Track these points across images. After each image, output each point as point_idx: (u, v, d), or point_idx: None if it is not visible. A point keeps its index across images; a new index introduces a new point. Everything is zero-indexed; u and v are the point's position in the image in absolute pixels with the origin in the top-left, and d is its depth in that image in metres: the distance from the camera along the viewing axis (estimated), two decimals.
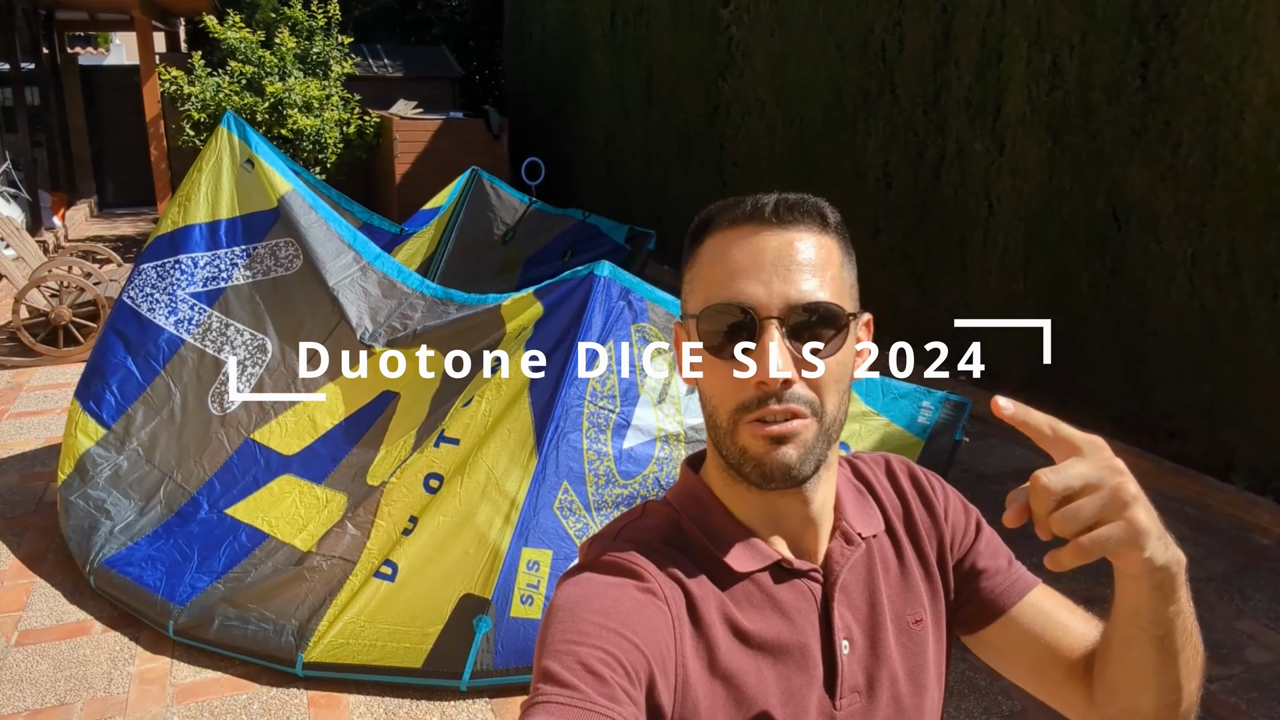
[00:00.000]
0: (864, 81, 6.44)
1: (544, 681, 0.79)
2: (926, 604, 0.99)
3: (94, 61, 17.06)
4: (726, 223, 0.91)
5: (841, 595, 0.93)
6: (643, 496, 3.04)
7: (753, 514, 0.93)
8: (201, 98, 10.09)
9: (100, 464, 3.74)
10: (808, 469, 0.87)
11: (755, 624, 0.89)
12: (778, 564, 0.92)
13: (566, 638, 0.82)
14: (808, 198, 0.91)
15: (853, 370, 0.91)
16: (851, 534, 0.96)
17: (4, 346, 6.85)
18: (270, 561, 3.32)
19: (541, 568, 2.99)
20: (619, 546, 0.92)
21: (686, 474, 0.99)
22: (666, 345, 3.07)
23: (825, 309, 0.86)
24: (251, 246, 3.87)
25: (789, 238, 0.88)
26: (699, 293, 0.91)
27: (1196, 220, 4.30)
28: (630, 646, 0.81)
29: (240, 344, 3.78)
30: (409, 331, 3.53)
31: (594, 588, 0.87)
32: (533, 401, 3.04)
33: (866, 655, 0.94)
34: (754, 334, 0.86)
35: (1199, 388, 4.45)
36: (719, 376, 0.89)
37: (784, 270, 0.86)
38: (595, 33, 10.58)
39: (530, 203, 6.44)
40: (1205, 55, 4.14)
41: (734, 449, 0.88)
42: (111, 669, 3.15)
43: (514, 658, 2.98)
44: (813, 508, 0.93)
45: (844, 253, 0.91)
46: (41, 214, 10.65)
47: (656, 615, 0.85)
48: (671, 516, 0.96)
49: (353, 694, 3.02)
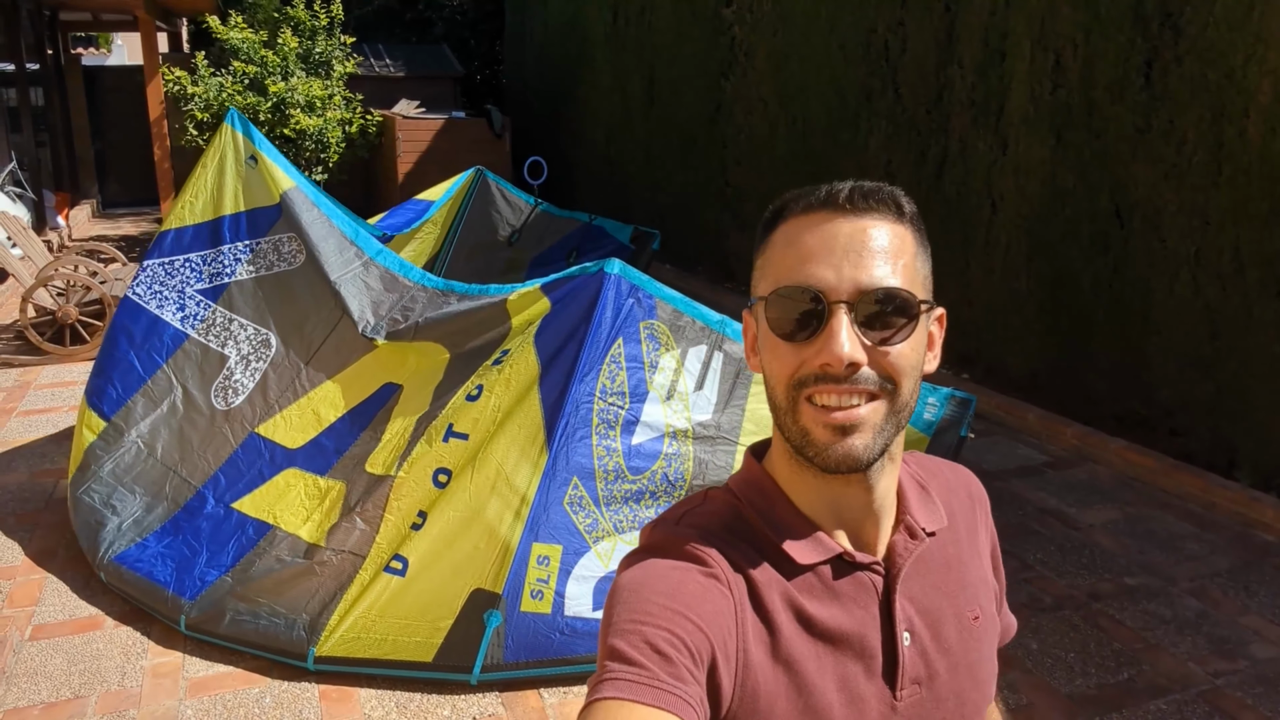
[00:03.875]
0: (867, 80, 6.46)
1: (611, 659, 0.81)
2: (983, 601, 1.01)
3: (96, 62, 17.07)
4: (800, 209, 0.90)
5: (903, 587, 0.94)
6: (651, 492, 3.06)
7: (816, 504, 0.93)
8: (205, 98, 10.12)
9: (102, 457, 3.76)
10: (874, 453, 0.87)
11: (816, 613, 0.90)
12: (839, 557, 0.92)
13: (633, 618, 0.83)
14: (884, 186, 0.90)
15: (923, 362, 0.91)
16: (915, 528, 0.96)
17: (11, 345, 6.88)
18: (274, 551, 3.33)
19: (551, 563, 3.01)
20: (681, 532, 0.93)
21: (750, 462, 0.99)
22: (674, 342, 3.10)
23: (897, 296, 0.86)
24: (255, 242, 3.88)
25: (862, 224, 0.87)
26: (769, 277, 0.91)
27: (1200, 218, 4.32)
28: (694, 628, 0.82)
29: (244, 338, 3.79)
30: (410, 324, 3.53)
31: (658, 570, 0.88)
32: (543, 398, 3.06)
33: (928, 648, 0.94)
34: (822, 318, 0.85)
35: (1202, 385, 4.47)
36: (783, 358, 0.88)
37: (855, 256, 0.86)
38: (597, 32, 10.60)
39: (536, 204, 6.44)
40: (1210, 53, 4.16)
41: (795, 429, 0.88)
42: (124, 663, 3.17)
43: (524, 652, 3.00)
44: (875, 498, 0.93)
45: (918, 243, 0.90)
46: (46, 213, 10.67)
47: (720, 600, 0.86)
48: (733, 504, 0.96)
49: (364, 688, 3.05)
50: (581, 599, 3.03)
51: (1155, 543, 4.08)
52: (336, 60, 11.00)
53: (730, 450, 3.09)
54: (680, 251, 9.11)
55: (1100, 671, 3.19)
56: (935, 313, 0.94)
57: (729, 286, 8.61)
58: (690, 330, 3.10)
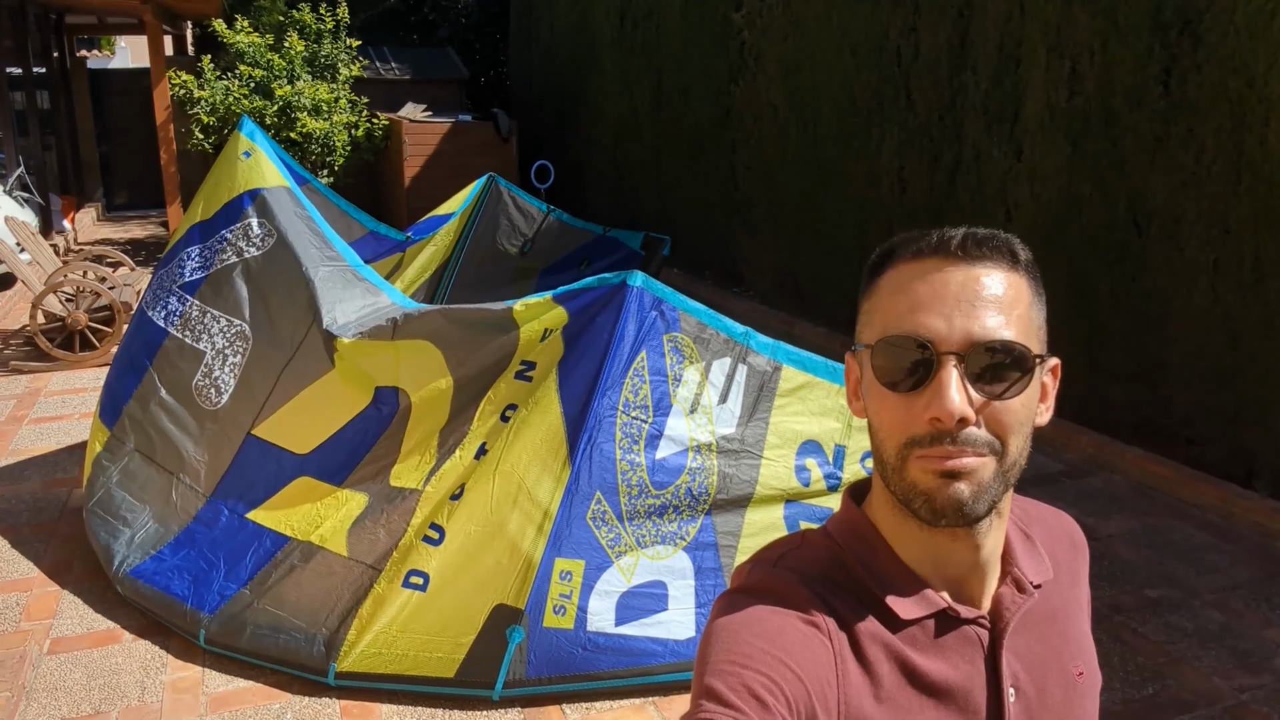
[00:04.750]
0: (879, 86, 6.44)
1: (707, 698, 0.79)
2: (1085, 656, 0.99)
3: (100, 64, 17.07)
4: (910, 254, 0.88)
5: (1010, 642, 0.91)
6: (675, 507, 3.04)
7: (919, 557, 0.91)
8: (210, 101, 10.10)
9: (109, 467, 3.74)
10: (981, 508, 0.84)
11: (921, 666, 0.88)
12: (943, 612, 0.90)
13: (731, 659, 0.82)
14: (998, 233, 0.87)
15: (1035, 416, 0.88)
16: (1024, 582, 0.93)
17: (20, 351, 6.86)
18: (288, 560, 3.28)
19: (574, 578, 2.99)
20: (780, 575, 0.90)
21: (849, 507, 0.96)
22: (699, 355, 3.07)
23: (1010, 348, 0.82)
24: (228, 229, 3.83)
25: (975, 273, 0.84)
26: (875, 324, 0.88)
27: (1220, 227, 4.30)
28: (793, 677, 0.81)
29: (217, 331, 3.71)
30: (388, 321, 3.39)
31: (757, 613, 0.86)
32: (565, 411, 3.04)
33: (1032, 704, 0.92)
34: (931, 369, 0.83)
35: (1221, 395, 4.45)
36: (890, 409, 0.86)
37: (967, 305, 0.83)
38: (604, 36, 10.59)
39: (549, 211, 6.41)
40: (1230, 61, 4.14)
41: (902, 484, 0.86)
42: (144, 677, 3.15)
43: (546, 668, 2.99)
44: (983, 554, 0.90)
45: (1034, 292, 0.87)
46: (52, 217, 10.66)
47: (820, 649, 0.84)
48: (833, 550, 0.94)
49: (385, 703, 3.03)
50: (604, 614, 3.01)
51: (1175, 554, 4.06)
52: (342, 64, 10.98)
53: (754, 464, 3.07)
54: (688, 256, 9.10)
55: (1125, 686, 3.17)
56: (1049, 363, 0.91)
57: (737, 291, 8.59)
58: (715, 342, 3.08)
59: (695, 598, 3.06)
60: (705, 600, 3.07)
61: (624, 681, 3.03)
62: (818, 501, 3.12)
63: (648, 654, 3.02)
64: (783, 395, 3.10)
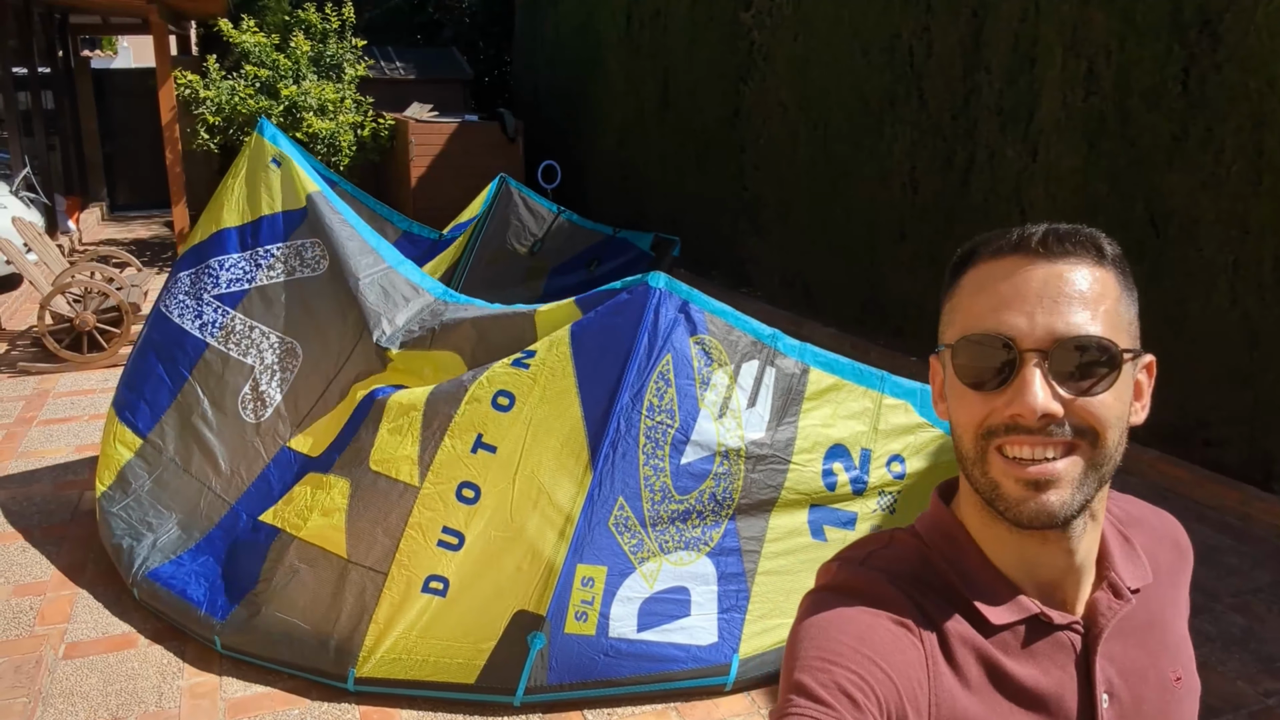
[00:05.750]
0: (890, 86, 6.41)
1: (797, 694, 0.79)
2: (1184, 661, 0.96)
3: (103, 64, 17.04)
4: (990, 253, 0.86)
5: (1105, 648, 0.89)
6: (698, 512, 3.01)
7: (1009, 559, 0.89)
8: (216, 101, 10.07)
9: (141, 476, 3.71)
10: (1071, 510, 0.82)
11: (1011, 670, 0.86)
12: (1035, 617, 0.88)
13: (821, 655, 0.81)
14: (1081, 228, 0.85)
15: (1129, 414, 0.86)
16: (1121, 587, 0.91)
17: (28, 352, 6.83)
18: (288, 559, 3.21)
19: (596, 584, 2.96)
20: (869, 574, 0.89)
21: (938, 506, 0.95)
22: (728, 358, 3.04)
23: (1095, 343, 0.81)
24: (277, 246, 3.81)
25: (1057, 269, 0.83)
26: (957, 324, 0.87)
27: (1239, 228, 4.27)
28: (884, 677, 0.80)
29: (267, 347, 3.71)
30: (427, 331, 3.44)
31: (847, 612, 0.85)
32: (585, 414, 3.01)
33: (1128, 710, 0.90)
34: (1014, 367, 0.81)
35: (1239, 396, 4.42)
36: (970, 407, 0.85)
37: (1050, 302, 0.81)
38: (610, 36, 10.56)
39: (559, 212, 6.39)
40: (1250, 61, 4.11)
41: (984, 481, 0.84)
42: (161, 683, 3.12)
43: (568, 674, 2.96)
44: (1077, 558, 0.88)
45: (1122, 287, 0.86)
46: (57, 218, 10.63)
47: (910, 650, 0.83)
48: (921, 550, 0.92)
49: (405, 709, 3.00)
50: (626, 620, 2.98)
51: (1194, 556, 4.02)
52: (348, 63, 10.95)
53: (782, 469, 3.03)
54: (695, 256, 9.06)
55: None
56: (1143, 360, 0.89)
57: (744, 291, 8.56)
58: (742, 344, 3.04)
59: (718, 603, 3.03)
60: (728, 606, 3.04)
61: (646, 688, 3.00)
62: (843, 506, 3.09)
63: (670, 660, 3.00)
64: (810, 398, 3.07)
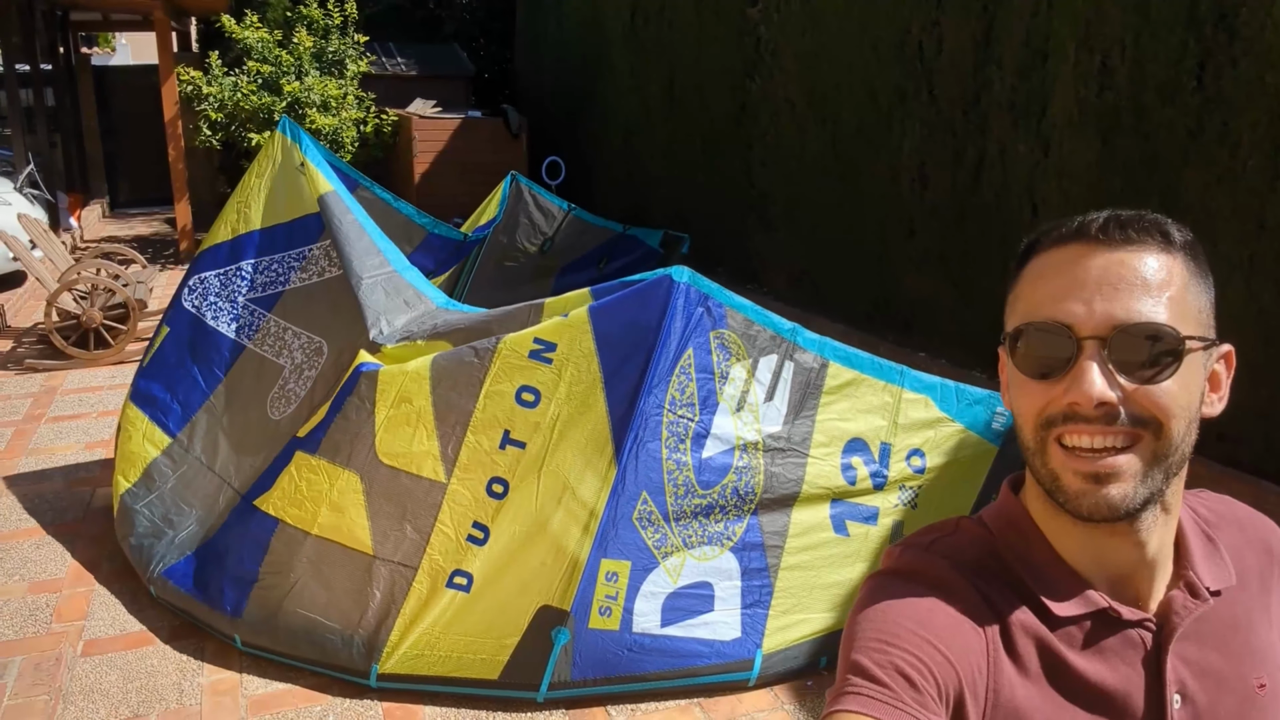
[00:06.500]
0: (900, 82, 6.39)
1: (855, 674, 0.78)
2: (1271, 668, 0.93)
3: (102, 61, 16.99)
4: (1051, 242, 0.86)
5: (1177, 647, 0.87)
6: (721, 507, 3.00)
7: (1076, 551, 0.87)
8: (219, 98, 10.04)
9: (166, 473, 3.70)
10: (1134, 503, 0.81)
11: (1075, 664, 0.85)
12: (1103, 612, 0.86)
13: (880, 637, 0.80)
14: (1145, 214, 0.84)
15: (1201, 404, 0.84)
16: (1199, 587, 0.89)
17: (34, 349, 6.81)
18: (302, 555, 3.15)
19: (620, 579, 2.95)
20: (933, 560, 0.88)
21: (1007, 496, 0.94)
22: (746, 352, 3.03)
23: (1156, 330, 0.79)
24: (308, 248, 3.81)
25: (1118, 256, 0.82)
26: (1018, 313, 0.86)
27: (1255, 223, 4.26)
28: (943, 660, 0.79)
29: (297, 347, 3.71)
30: (424, 331, 3.39)
31: (909, 595, 0.84)
32: (610, 409, 2.99)
33: (1203, 713, 0.87)
34: (1072, 355, 0.80)
35: (1255, 392, 4.41)
36: (1030, 396, 0.84)
37: (1110, 289, 0.80)
38: (615, 32, 10.53)
39: (569, 210, 6.37)
40: (1268, 56, 4.10)
41: (1045, 472, 0.83)
42: (181, 680, 3.11)
43: (592, 669, 2.95)
44: (1148, 552, 0.86)
45: (1191, 274, 0.83)
46: (60, 215, 10.60)
47: (971, 636, 0.82)
48: (987, 539, 0.91)
49: (428, 705, 2.99)
50: (650, 615, 2.97)
51: None
52: (350, 59, 10.92)
53: (800, 463, 3.02)
54: (703, 252, 9.04)
55: None
56: (1218, 350, 0.87)
57: (752, 288, 8.54)
58: (761, 339, 3.03)
59: (741, 598, 3.02)
60: (751, 601, 3.02)
61: (670, 683, 2.99)
62: (864, 500, 3.08)
63: (693, 655, 2.98)
64: (829, 392, 3.06)
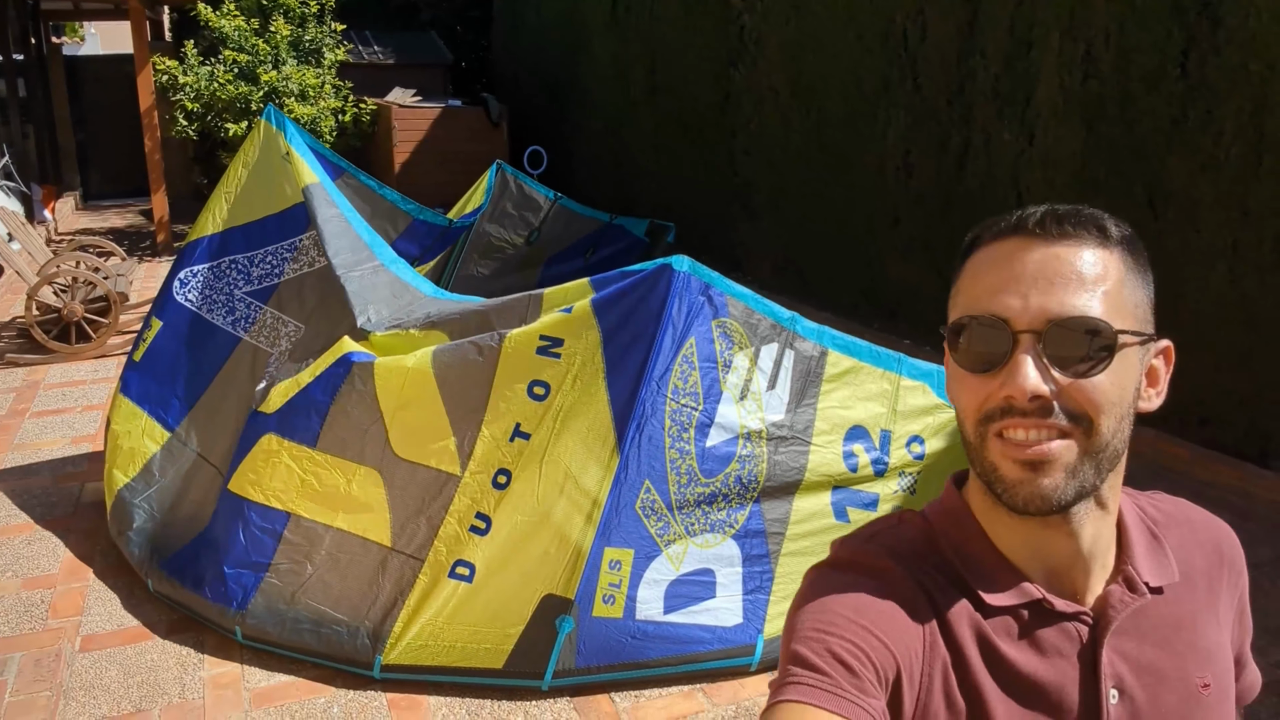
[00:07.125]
0: (885, 70, 6.43)
1: (794, 664, 0.80)
2: (1217, 670, 0.92)
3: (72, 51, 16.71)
4: (991, 237, 0.86)
5: (1114, 641, 0.87)
6: (724, 495, 3.02)
7: (1014, 544, 0.88)
8: (195, 87, 9.92)
9: (166, 467, 3.68)
10: (1067, 495, 0.81)
11: (1009, 655, 0.86)
12: (1038, 603, 0.87)
13: (817, 626, 0.82)
14: (1082, 209, 0.84)
15: (1136, 399, 0.85)
16: (1136, 581, 0.89)
17: (14, 344, 6.71)
18: (323, 549, 3.15)
19: (623, 567, 2.97)
20: (872, 550, 0.90)
21: (950, 491, 0.95)
22: (748, 340, 3.05)
23: (1090, 325, 0.80)
24: (298, 239, 3.79)
25: (1055, 251, 0.82)
26: (958, 307, 0.87)
27: (1239, 209, 4.33)
28: (881, 646, 0.81)
29: (284, 335, 3.69)
30: (414, 320, 3.37)
31: (846, 584, 0.86)
32: (612, 398, 3.00)
33: (1142, 709, 0.87)
34: (1008, 349, 0.81)
35: (1238, 376, 4.49)
36: (969, 390, 0.85)
37: (1045, 283, 0.81)
38: (596, 19, 10.49)
39: (555, 199, 6.36)
40: (1251, 44, 4.16)
41: (983, 466, 0.85)
42: (182, 674, 3.09)
43: (596, 657, 2.96)
44: (1083, 545, 0.87)
45: (1129, 269, 0.84)
46: (34, 207, 10.45)
47: (908, 623, 0.84)
48: (928, 531, 0.93)
49: (433, 695, 2.99)
50: (653, 603, 2.99)
51: None
52: (327, 48, 10.82)
53: (803, 451, 3.05)
54: (687, 241, 9.04)
55: None
56: (1155, 346, 0.88)
57: (735, 276, 8.55)
58: (762, 327, 3.05)
59: (743, 585, 3.05)
60: (753, 587, 3.05)
61: (673, 669, 3.01)
62: (865, 487, 3.11)
63: (696, 641, 3.01)
64: (829, 380, 3.09)
